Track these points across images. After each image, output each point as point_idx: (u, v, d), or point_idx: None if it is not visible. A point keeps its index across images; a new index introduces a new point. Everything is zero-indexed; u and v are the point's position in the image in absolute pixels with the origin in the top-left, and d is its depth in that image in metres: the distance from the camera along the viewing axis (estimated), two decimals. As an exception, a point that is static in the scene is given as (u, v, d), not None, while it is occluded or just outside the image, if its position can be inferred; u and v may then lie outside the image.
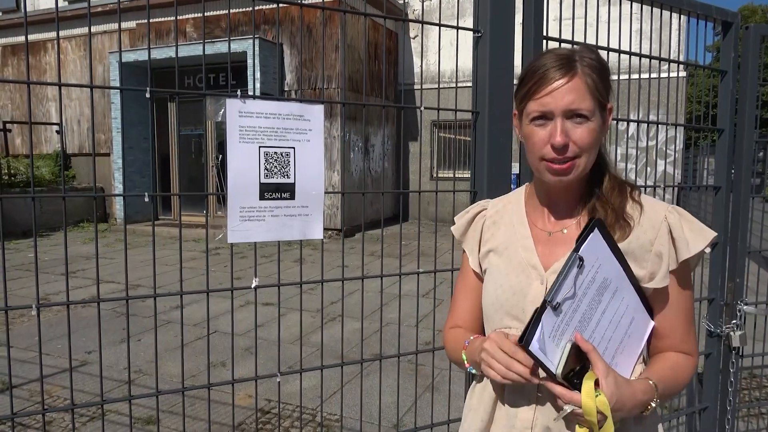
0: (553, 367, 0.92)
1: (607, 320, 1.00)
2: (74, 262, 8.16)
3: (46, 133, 13.37)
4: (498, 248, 1.18)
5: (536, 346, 0.90)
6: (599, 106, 1.03)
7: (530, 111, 1.03)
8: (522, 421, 1.06)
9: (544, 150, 1.03)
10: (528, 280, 1.09)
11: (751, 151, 2.33)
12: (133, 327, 5.08)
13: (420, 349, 2.57)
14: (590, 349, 0.94)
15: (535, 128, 1.04)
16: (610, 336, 1.01)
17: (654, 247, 1.05)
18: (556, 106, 1.00)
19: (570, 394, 0.91)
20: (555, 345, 0.93)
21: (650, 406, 0.99)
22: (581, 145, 1.01)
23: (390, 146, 13.04)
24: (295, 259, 8.37)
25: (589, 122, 1.01)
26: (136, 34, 12.00)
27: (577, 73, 1.00)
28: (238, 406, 3.46)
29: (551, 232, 1.12)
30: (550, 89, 1.00)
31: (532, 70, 1.03)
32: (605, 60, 1.06)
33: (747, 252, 2.37)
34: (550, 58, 1.03)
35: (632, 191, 1.11)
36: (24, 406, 3.44)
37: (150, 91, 1.38)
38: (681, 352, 1.09)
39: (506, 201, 1.25)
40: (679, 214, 1.07)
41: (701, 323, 2.39)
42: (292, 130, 1.52)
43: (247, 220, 1.49)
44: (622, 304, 1.02)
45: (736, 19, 2.22)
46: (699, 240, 1.04)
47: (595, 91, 1.01)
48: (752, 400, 3.43)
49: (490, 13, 1.65)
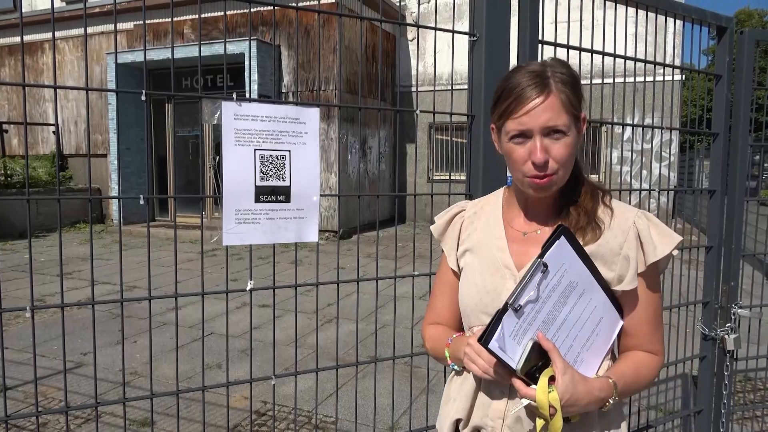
0: (513, 364, 0.99)
1: (572, 320, 1.06)
2: (71, 263, 8.14)
3: (43, 133, 13.34)
4: (474, 248, 1.22)
5: (495, 344, 0.98)
6: (574, 119, 1.06)
7: (509, 129, 1.07)
8: (495, 411, 1.12)
9: (524, 167, 1.07)
10: (502, 279, 1.14)
11: (746, 155, 2.34)
12: (130, 329, 5.06)
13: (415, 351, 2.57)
14: (551, 348, 1.00)
15: (514, 146, 1.07)
16: (575, 335, 1.07)
17: (623, 250, 1.10)
18: (534, 125, 1.03)
19: (526, 389, 0.99)
20: (516, 343, 1.00)
21: (608, 403, 1.05)
22: (559, 160, 1.05)
23: (387, 148, 13.05)
24: (292, 261, 8.37)
25: (566, 137, 1.04)
26: (134, 35, 11.99)
27: (552, 90, 1.03)
28: (233, 408, 3.45)
29: (526, 233, 1.17)
30: (527, 108, 1.03)
31: (509, 89, 1.06)
32: (575, 71, 1.09)
33: (741, 255, 2.38)
34: (524, 76, 1.05)
35: (604, 196, 1.16)
36: (19, 408, 3.43)
37: (145, 93, 1.39)
38: (647, 351, 1.15)
39: (484, 202, 1.30)
40: (647, 218, 1.12)
41: (696, 326, 2.40)
42: (287, 132, 1.52)
43: (243, 222, 1.49)
44: (590, 304, 1.08)
45: (731, 24, 2.23)
46: (666, 244, 1.09)
47: (569, 106, 1.04)
48: (747, 403, 3.44)
49: (485, 16, 1.65)
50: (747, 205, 2.44)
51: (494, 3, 1.66)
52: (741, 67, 2.29)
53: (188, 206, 12.22)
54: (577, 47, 1.85)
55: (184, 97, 11.34)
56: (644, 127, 2.17)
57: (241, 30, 10.80)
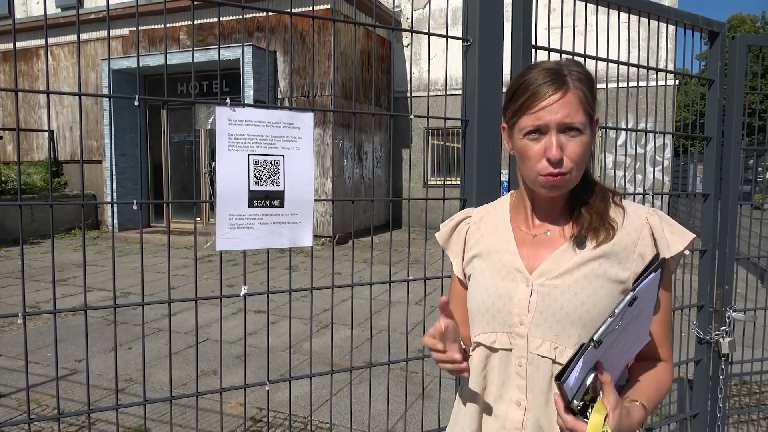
0: (570, 396, 0.92)
1: (624, 344, 1.01)
2: (66, 269, 8.10)
3: (38, 140, 13.30)
4: (482, 253, 1.19)
5: (570, 382, 0.90)
6: (589, 119, 1.05)
7: (524, 126, 1.04)
8: (512, 422, 1.08)
9: (539, 165, 1.04)
10: (513, 283, 1.10)
11: (739, 159, 2.36)
12: (125, 335, 5.04)
13: (411, 356, 2.57)
14: (608, 381, 0.93)
15: (529, 142, 1.05)
16: (619, 356, 1.02)
17: (637, 248, 1.07)
18: (551, 120, 1.01)
19: (574, 422, 0.92)
20: (582, 376, 0.93)
21: (640, 430, 1.01)
22: (574, 159, 1.03)
23: (382, 153, 13.06)
24: (288, 266, 8.35)
25: (581, 135, 1.03)
26: (129, 41, 11.98)
27: (569, 87, 1.02)
28: (229, 415, 3.43)
29: (536, 235, 1.14)
30: (545, 104, 1.01)
31: (525, 85, 1.04)
32: (590, 72, 1.08)
33: (735, 258, 2.39)
34: (540, 72, 1.04)
35: (614, 196, 1.14)
36: (12, 415, 3.41)
37: (139, 99, 1.38)
38: (657, 357, 1.12)
39: (490, 208, 1.27)
40: (659, 216, 1.10)
41: (691, 330, 2.41)
42: (281, 137, 1.52)
43: (236, 227, 1.48)
44: (640, 328, 1.03)
45: (723, 28, 2.25)
46: (679, 241, 1.07)
47: (586, 104, 1.03)
48: (743, 407, 3.44)
49: (479, 21, 1.66)
50: (740, 208, 2.45)
51: (487, 8, 1.67)
52: (733, 71, 2.31)
53: (184, 212, 12.19)
54: (570, 52, 1.86)
55: (179, 103, 11.32)
56: (638, 132, 2.18)
57: (237, 36, 10.81)
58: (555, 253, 1.08)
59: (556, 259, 1.08)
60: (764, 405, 3.56)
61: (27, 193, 11.42)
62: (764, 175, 8.84)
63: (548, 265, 1.08)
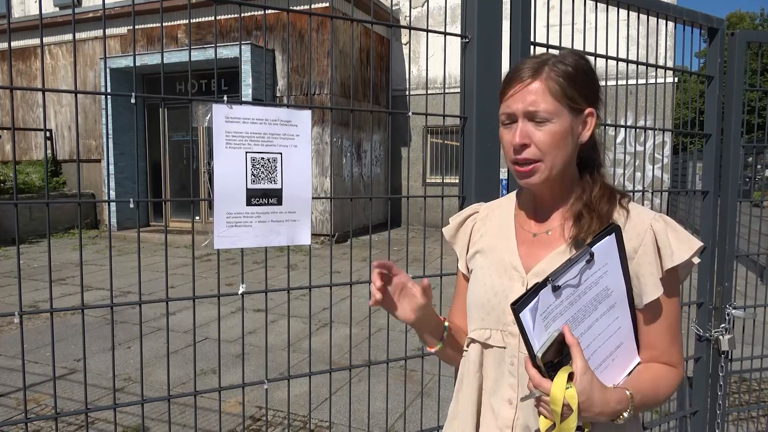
0: (536, 346, 0.89)
1: (596, 331, 0.99)
2: (65, 269, 8.09)
3: (37, 139, 13.28)
4: (484, 249, 1.19)
5: (527, 315, 0.88)
6: (570, 110, 1.03)
7: (500, 114, 1.07)
8: (503, 420, 1.08)
9: (510, 152, 1.05)
10: (510, 281, 1.10)
11: (738, 156, 2.35)
12: (124, 334, 5.03)
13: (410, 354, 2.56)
14: (574, 344, 0.91)
15: (503, 130, 1.07)
16: (595, 349, 1.00)
17: (637, 254, 1.03)
18: (517, 108, 1.02)
19: (541, 379, 0.90)
20: (544, 327, 0.91)
21: (622, 416, 0.97)
22: (541, 147, 1.02)
23: (381, 152, 13.05)
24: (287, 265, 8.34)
25: (549, 124, 1.01)
26: (128, 39, 11.96)
27: (541, 76, 1.02)
28: (228, 414, 3.43)
29: (536, 234, 1.13)
30: (512, 92, 1.03)
31: (506, 75, 1.07)
32: (588, 64, 1.06)
33: (735, 256, 2.39)
34: (525, 62, 1.05)
35: (621, 198, 1.10)
36: (11, 414, 3.40)
37: (135, 97, 1.38)
38: (665, 363, 1.07)
39: (497, 205, 1.26)
40: (665, 222, 1.05)
41: (690, 327, 2.40)
42: (279, 135, 1.51)
43: (234, 226, 1.48)
44: (615, 323, 1.01)
45: (722, 25, 2.24)
46: (685, 249, 1.02)
47: (559, 94, 1.01)
48: (742, 404, 3.44)
49: (477, 18, 1.65)
50: (740, 206, 2.44)
51: (486, 5, 1.66)
52: (732, 68, 2.30)
53: (183, 211, 12.17)
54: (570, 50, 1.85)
55: (178, 102, 11.31)
56: (637, 129, 2.17)
57: (236, 35, 10.79)
58: (552, 253, 1.07)
59: (552, 259, 1.06)
60: (764, 402, 3.56)
61: (26, 193, 11.41)
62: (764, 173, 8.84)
63: (544, 266, 1.06)
